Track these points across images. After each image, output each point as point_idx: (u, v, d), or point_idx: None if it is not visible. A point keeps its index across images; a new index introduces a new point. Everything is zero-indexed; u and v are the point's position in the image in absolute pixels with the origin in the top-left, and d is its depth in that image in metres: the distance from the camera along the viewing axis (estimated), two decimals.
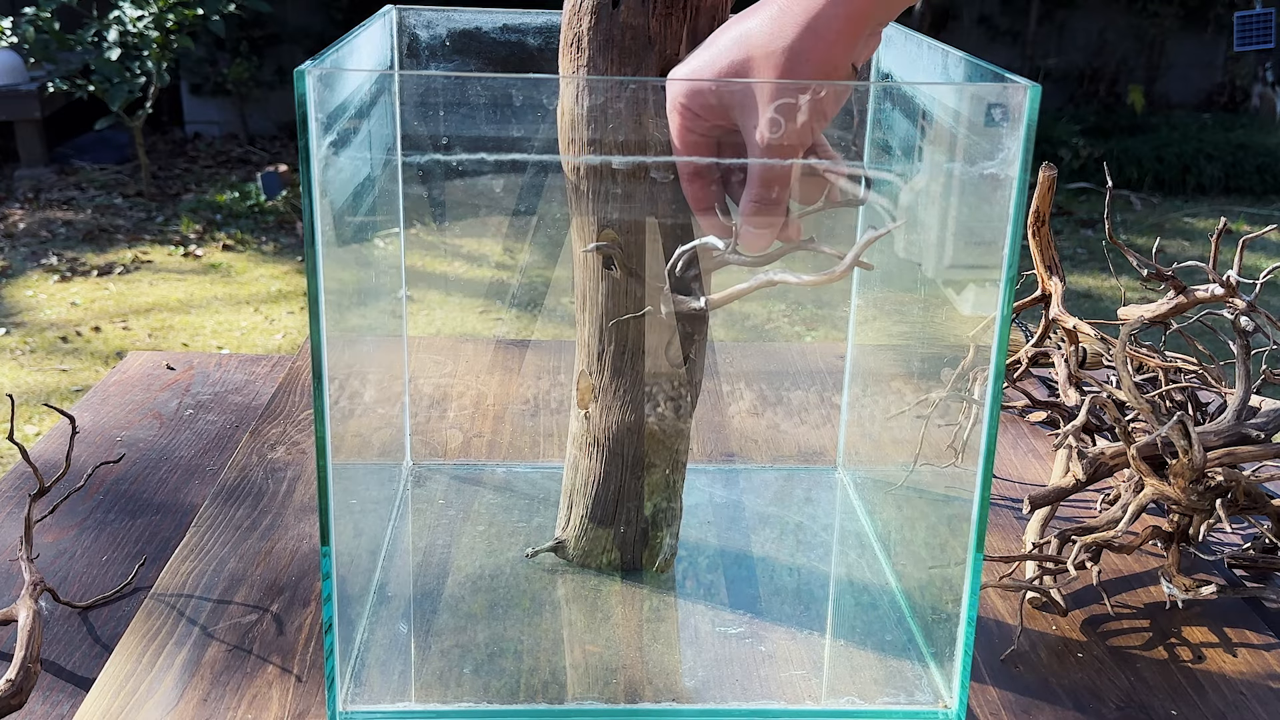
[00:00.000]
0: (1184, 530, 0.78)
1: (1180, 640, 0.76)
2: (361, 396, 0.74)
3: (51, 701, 0.68)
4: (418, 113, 0.66)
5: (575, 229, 0.70)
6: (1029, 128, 0.57)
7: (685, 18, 0.66)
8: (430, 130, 0.64)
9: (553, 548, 0.78)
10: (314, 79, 0.55)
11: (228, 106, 5.24)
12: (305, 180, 0.55)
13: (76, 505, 0.89)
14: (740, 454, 0.98)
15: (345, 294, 0.65)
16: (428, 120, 0.64)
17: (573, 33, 0.66)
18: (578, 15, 0.66)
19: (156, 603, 0.75)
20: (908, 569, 0.78)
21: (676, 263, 0.66)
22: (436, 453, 0.96)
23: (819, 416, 1.05)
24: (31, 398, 2.73)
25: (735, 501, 0.89)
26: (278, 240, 3.93)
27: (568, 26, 0.67)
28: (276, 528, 0.85)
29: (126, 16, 4.10)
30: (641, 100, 0.64)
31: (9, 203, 4.23)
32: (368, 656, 0.70)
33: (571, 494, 0.77)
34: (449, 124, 0.63)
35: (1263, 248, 3.96)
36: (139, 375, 1.14)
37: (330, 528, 0.62)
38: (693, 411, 0.75)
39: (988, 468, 0.63)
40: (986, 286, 0.62)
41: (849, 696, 0.69)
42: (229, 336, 3.15)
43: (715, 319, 0.74)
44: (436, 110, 0.63)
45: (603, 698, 0.67)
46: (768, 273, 0.65)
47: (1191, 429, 0.72)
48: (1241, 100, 5.59)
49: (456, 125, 0.62)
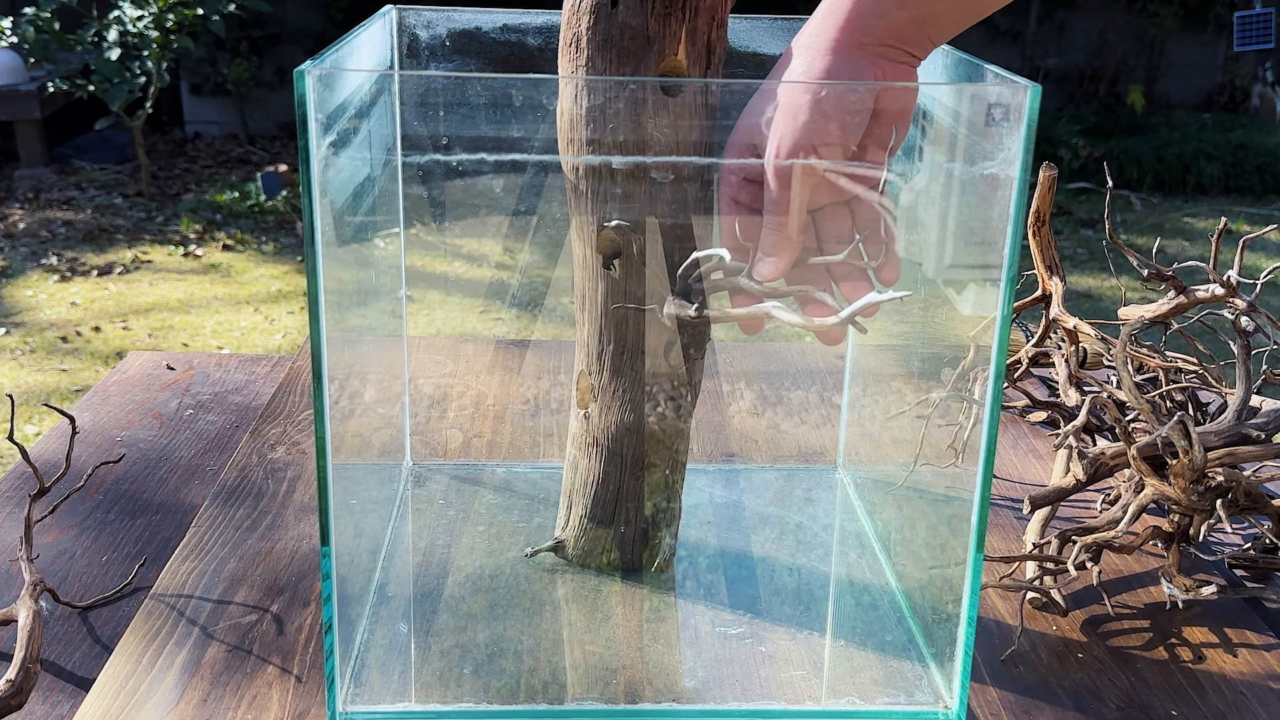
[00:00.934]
0: (1184, 530, 0.78)
1: (1180, 640, 0.76)
2: (361, 396, 0.74)
3: (51, 702, 0.68)
4: (418, 113, 0.66)
5: (575, 229, 0.70)
6: (1029, 128, 0.57)
7: (684, 17, 0.66)
8: (430, 130, 0.64)
9: (552, 548, 0.78)
10: (314, 79, 0.55)
11: (228, 106, 5.24)
12: (305, 180, 0.55)
13: (76, 505, 0.89)
14: (740, 454, 0.98)
15: (345, 294, 0.65)
16: (428, 120, 0.64)
17: (572, 33, 0.66)
18: (577, 15, 0.66)
19: (156, 603, 0.75)
20: (908, 569, 0.78)
21: (689, 272, 0.66)
22: (436, 453, 0.96)
23: (819, 416, 1.05)
24: (31, 398, 2.73)
25: (735, 501, 0.89)
26: (278, 240, 3.93)
27: (567, 26, 0.67)
28: (276, 528, 0.85)
29: (126, 16, 4.10)
30: (640, 100, 0.64)
31: (9, 203, 4.23)
32: (368, 657, 0.70)
33: (571, 494, 0.77)
34: (449, 124, 0.63)
35: (1263, 248, 3.96)
36: (139, 375, 1.14)
37: (330, 528, 0.62)
38: (693, 411, 0.75)
39: (988, 468, 0.63)
40: (987, 286, 0.62)
41: (849, 697, 0.69)
42: (229, 336, 3.15)
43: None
44: (436, 110, 0.63)
45: (603, 698, 0.67)
46: (765, 305, 0.65)
47: (1192, 429, 0.72)
48: (1241, 100, 5.59)
49: (456, 125, 0.62)
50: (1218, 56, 5.63)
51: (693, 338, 0.72)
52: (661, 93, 0.64)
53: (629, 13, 0.64)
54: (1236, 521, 0.90)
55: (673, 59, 0.66)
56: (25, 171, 4.51)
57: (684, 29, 0.66)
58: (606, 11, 0.64)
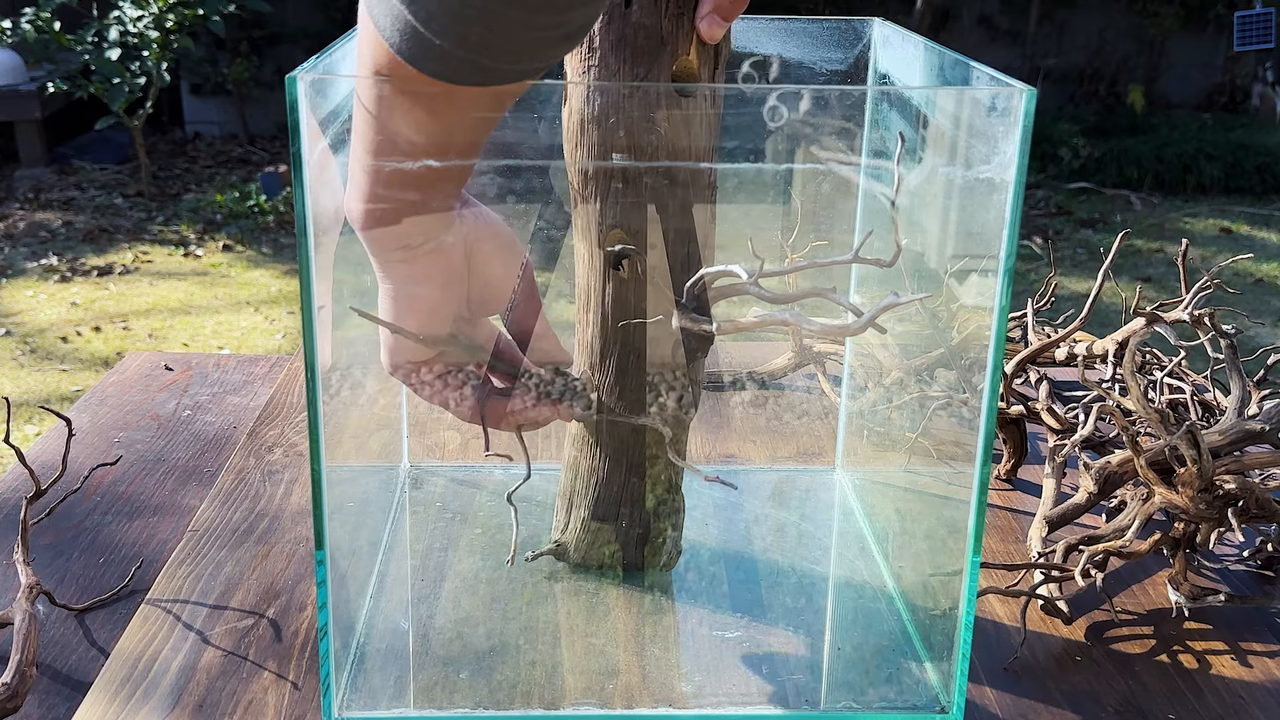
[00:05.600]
0: (1190, 537, 0.78)
1: (1180, 645, 0.76)
2: (358, 397, 0.74)
3: (47, 705, 0.68)
4: None
5: (578, 230, 0.69)
6: (1025, 131, 0.57)
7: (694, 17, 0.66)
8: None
9: (552, 550, 0.78)
10: (305, 85, 0.54)
11: (228, 106, 5.24)
12: (298, 186, 0.55)
13: (74, 507, 0.89)
14: (739, 455, 0.98)
15: (341, 295, 0.65)
16: None
17: None
18: None
19: (153, 606, 0.75)
20: (906, 571, 0.78)
21: (695, 285, 0.66)
22: (434, 454, 0.96)
23: (818, 416, 1.05)
24: (31, 398, 2.73)
25: (734, 503, 0.89)
26: (278, 240, 3.93)
27: None
28: (273, 531, 0.84)
29: (126, 16, 4.10)
30: (653, 102, 0.64)
31: (9, 203, 4.23)
32: (364, 661, 0.70)
33: (571, 495, 0.77)
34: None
35: (1262, 248, 3.96)
36: (137, 376, 1.14)
37: (324, 531, 0.62)
38: (696, 407, 0.74)
39: (985, 470, 0.63)
40: (985, 286, 0.62)
41: (847, 700, 0.68)
42: (229, 337, 3.15)
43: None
44: None
45: (600, 702, 0.67)
46: (782, 312, 0.65)
47: (1200, 438, 0.72)
48: (1241, 100, 5.58)
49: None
50: (1218, 56, 5.63)
51: (698, 342, 0.71)
52: (677, 94, 0.64)
53: (643, 12, 0.64)
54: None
55: (685, 59, 0.66)
56: (25, 171, 4.51)
57: (694, 28, 0.66)
58: (620, 11, 0.64)
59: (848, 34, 0.80)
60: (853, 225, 0.82)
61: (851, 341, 0.90)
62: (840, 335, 0.63)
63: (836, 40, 0.80)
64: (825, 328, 0.65)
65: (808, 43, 0.80)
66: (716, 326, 0.67)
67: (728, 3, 0.63)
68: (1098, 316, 2.78)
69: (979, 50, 5.29)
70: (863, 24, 0.80)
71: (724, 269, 0.65)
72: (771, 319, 0.65)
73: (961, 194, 0.67)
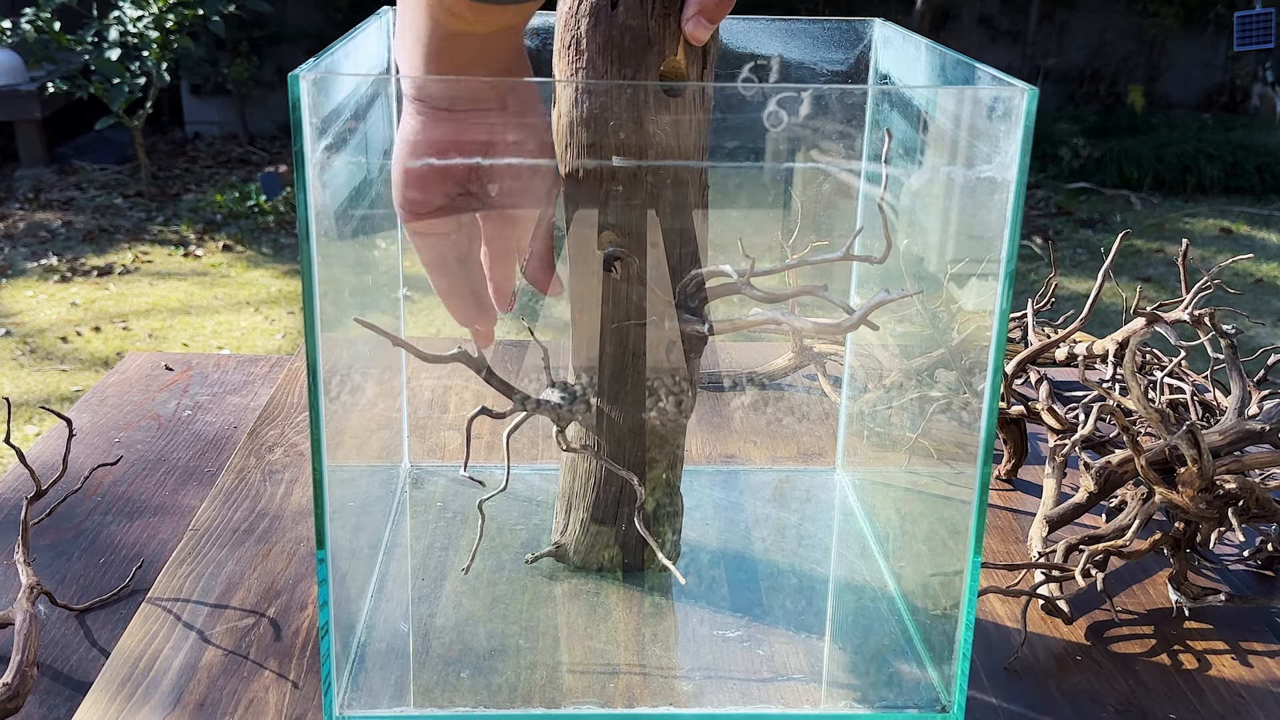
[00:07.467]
0: (1190, 537, 0.78)
1: (1181, 645, 0.76)
2: (359, 398, 0.74)
3: (49, 705, 0.68)
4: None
5: (572, 231, 0.69)
6: (1026, 131, 0.57)
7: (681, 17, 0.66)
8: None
9: (552, 552, 0.78)
10: (308, 84, 0.54)
11: (228, 106, 5.24)
12: (300, 185, 0.55)
13: (74, 508, 0.89)
14: (739, 455, 0.98)
15: (342, 295, 0.65)
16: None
17: (570, 35, 0.66)
18: (575, 17, 0.66)
19: (153, 606, 0.75)
20: (907, 571, 0.78)
21: (688, 285, 0.66)
22: (435, 455, 0.96)
23: (818, 417, 1.05)
24: (31, 398, 2.73)
25: (734, 503, 0.89)
26: (278, 240, 3.93)
27: (565, 29, 0.67)
28: (274, 530, 0.84)
29: (126, 16, 4.10)
30: (641, 102, 0.64)
31: (9, 203, 4.23)
32: (365, 660, 0.70)
33: (570, 496, 0.77)
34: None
35: (1262, 248, 3.96)
36: (137, 376, 1.14)
37: (325, 531, 0.62)
38: (693, 407, 0.74)
39: (985, 470, 0.63)
40: (985, 287, 0.62)
41: (847, 700, 0.68)
42: (229, 337, 3.15)
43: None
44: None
45: (600, 702, 0.67)
46: (775, 311, 0.65)
47: (1200, 437, 0.72)
48: (1241, 100, 5.58)
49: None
50: (1218, 56, 5.63)
51: (693, 342, 0.71)
52: (664, 94, 0.64)
53: (629, 14, 0.64)
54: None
55: (673, 59, 0.66)
56: (25, 171, 4.51)
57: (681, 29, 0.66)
58: (606, 13, 0.64)
59: (848, 34, 0.80)
60: (854, 225, 0.82)
61: (852, 342, 0.90)
62: (832, 333, 0.63)
63: (837, 41, 0.80)
64: (817, 325, 0.65)
65: (808, 43, 0.80)
66: (709, 327, 0.67)
67: (713, 4, 0.63)
68: (1098, 317, 2.78)
69: (979, 50, 5.29)
70: (863, 24, 0.80)
71: (715, 269, 0.65)
72: (764, 319, 0.65)
73: (962, 194, 0.67)
